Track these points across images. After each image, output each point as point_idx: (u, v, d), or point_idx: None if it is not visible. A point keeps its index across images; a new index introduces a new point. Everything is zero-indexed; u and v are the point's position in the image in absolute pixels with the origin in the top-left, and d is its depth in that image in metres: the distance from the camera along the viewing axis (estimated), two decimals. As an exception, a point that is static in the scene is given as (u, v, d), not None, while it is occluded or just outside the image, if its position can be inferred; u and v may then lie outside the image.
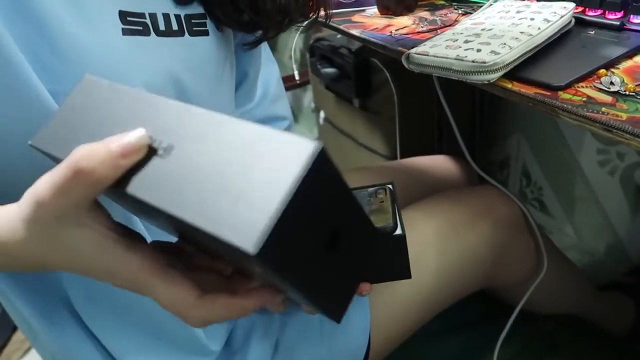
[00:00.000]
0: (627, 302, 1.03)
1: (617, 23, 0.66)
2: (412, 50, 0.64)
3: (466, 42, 0.62)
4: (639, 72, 0.56)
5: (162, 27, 0.47)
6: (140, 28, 0.45)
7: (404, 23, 0.82)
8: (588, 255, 1.24)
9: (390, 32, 0.78)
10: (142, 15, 0.45)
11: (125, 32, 0.44)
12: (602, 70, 0.56)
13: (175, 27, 0.48)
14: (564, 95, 0.53)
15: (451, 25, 0.77)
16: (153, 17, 0.46)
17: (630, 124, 0.46)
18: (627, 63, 0.58)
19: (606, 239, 1.21)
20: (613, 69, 0.57)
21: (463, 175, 0.99)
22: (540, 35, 0.61)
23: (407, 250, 0.52)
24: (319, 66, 1.28)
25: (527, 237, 0.80)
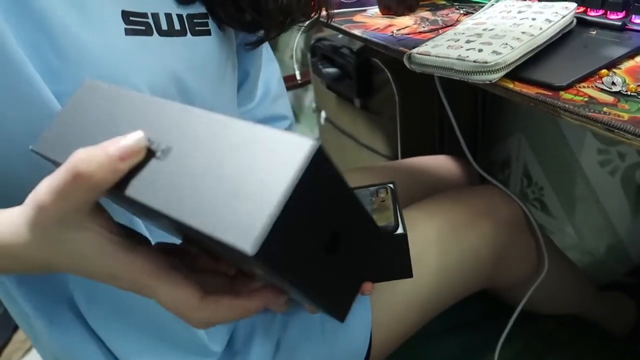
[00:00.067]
0: (628, 302, 1.03)
1: (619, 23, 0.66)
2: (414, 50, 0.64)
3: (468, 42, 0.62)
4: (640, 72, 0.56)
5: (165, 27, 0.47)
6: (143, 28, 0.45)
7: (405, 23, 0.82)
8: (589, 255, 1.24)
9: (392, 32, 0.78)
10: (145, 15, 0.45)
11: (128, 32, 0.44)
12: (603, 71, 0.56)
13: (177, 27, 0.48)
14: (566, 95, 0.53)
15: (453, 25, 0.77)
16: (155, 17, 0.46)
17: (631, 124, 0.46)
18: (629, 63, 0.58)
19: (607, 239, 1.21)
20: (615, 69, 0.57)
21: (464, 175, 0.99)
22: (542, 35, 0.61)
23: (408, 249, 0.52)
24: (320, 66, 1.28)
25: (528, 237, 0.80)
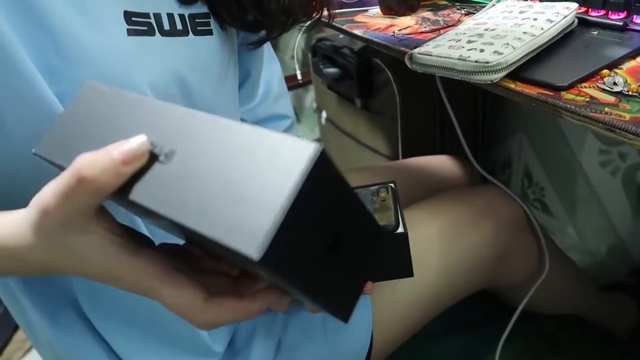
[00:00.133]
0: (629, 302, 1.02)
1: (620, 23, 0.66)
2: (415, 50, 0.64)
3: (469, 42, 0.62)
4: (642, 72, 0.56)
5: (167, 27, 0.47)
6: (145, 28, 0.45)
7: (406, 23, 0.82)
8: (590, 255, 1.24)
9: (393, 32, 0.78)
10: (147, 16, 0.45)
11: (130, 32, 0.44)
12: (605, 71, 0.56)
13: (179, 26, 0.48)
14: (567, 95, 0.53)
15: (454, 25, 0.78)
16: (157, 17, 0.46)
17: (633, 124, 0.46)
18: (630, 63, 0.58)
19: (608, 239, 1.21)
20: (616, 70, 0.57)
21: (465, 175, 0.99)
22: (544, 35, 0.61)
23: (409, 248, 0.52)
24: (321, 66, 1.28)
25: (530, 237, 0.80)
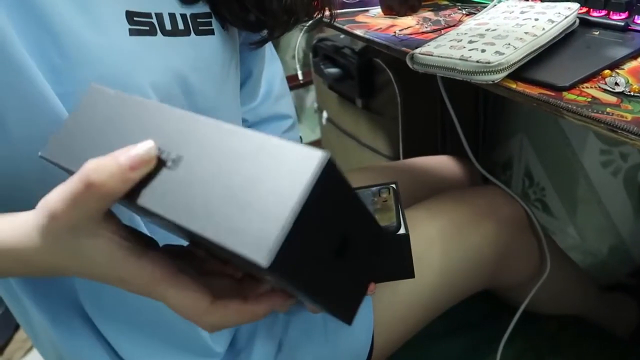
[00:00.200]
0: (631, 303, 1.02)
1: (622, 24, 0.66)
2: (417, 51, 0.64)
3: (470, 42, 0.62)
4: (643, 72, 0.56)
5: (169, 26, 0.47)
6: (147, 28, 0.45)
7: (407, 23, 0.82)
8: (591, 256, 1.24)
9: (394, 32, 0.78)
10: (149, 15, 0.45)
11: (132, 32, 0.44)
12: (606, 71, 0.56)
13: (181, 26, 0.48)
14: (569, 95, 0.53)
15: (455, 25, 0.77)
16: (159, 17, 0.46)
17: (635, 124, 0.46)
18: (632, 64, 0.58)
19: (609, 239, 1.21)
20: (618, 70, 0.57)
21: (466, 176, 0.99)
22: (545, 35, 0.61)
23: (410, 249, 0.52)
24: (322, 66, 1.28)
25: (531, 237, 0.80)
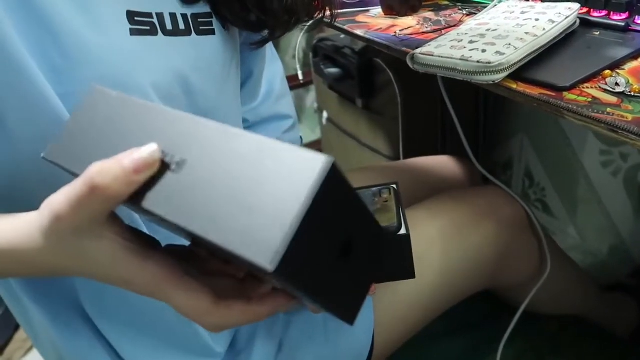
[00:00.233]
0: (630, 303, 1.02)
1: (622, 24, 0.66)
2: (417, 51, 0.64)
3: (471, 42, 0.62)
4: (644, 73, 0.56)
5: (169, 26, 0.47)
6: (148, 28, 0.45)
7: (408, 23, 0.82)
8: (591, 256, 1.24)
9: (395, 33, 0.78)
10: (150, 15, 0.45)
11: (133, 32, 0.44)
12: (607, 71, 0.56)
13: (182, 26, 0.48)
14: (569, 95, 0.53)
15: (456, 25, 0.77)
16: (160, 16, 0.46)
17: (635, 124, 0.46)
18: (633, 64, 0.58)
19: (609, 240, 1.21)
20: (618, 70, 0.57)
21: (466, 176, 0.99)
22: (545, 36, 0.61)
23: (411, 250, 0.52)
24: (322, 66, 1.28)
25: (531, 238, 0.80)
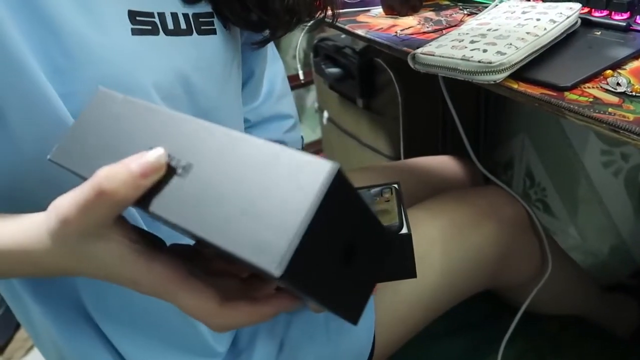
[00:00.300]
0: (631, 303, 1.02)
1: (624, 24, 0.66)
2: (418, 50, 0.64)
3: (472, 42, 0.62)
4: (645, 73, 0.56)
5: (171, 26, 0.47)
6: (150, 28, 0.45)
7: (409, 23, 0.82)
8: (592, 256, 1.24)
9: (395, 32, 0.78)
10: (151, 15, 0.45)
11: (135, 32, 0.44)
12: (608, 71, 0.56)
13: (183, 26, 0.48)
14: (570, 95, 0.53)
15: (456, 25, 0.77)
16: (162, 16, 0.46)
17: (637, 124, 0.46)
18: (634, 64, 0.58)
19: (610, 240, 1.21)
20: (619, 70, 0.57)
21: (467, 176, 0.99)
22: (547, 35, 0.61)
23: (412, 249, 0.52)
24: (323, 66, 1.28)
25: (532, 238, 0.80)
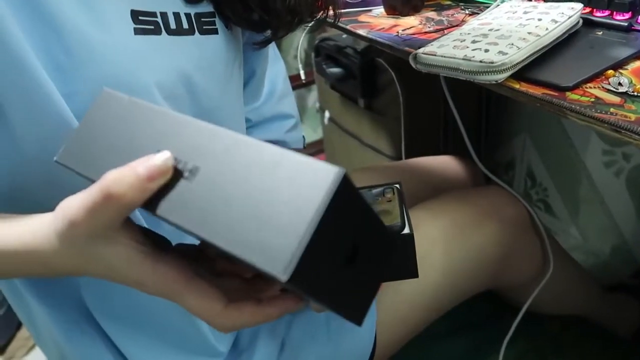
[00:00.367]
0: (633, 303, 1.02)
1: (625, 24, 0.65)
2: (420, 50, 0.64)
3: (474, 42, 0.62)
4: (647, 73, 0.56)
5: (173, 25, 0.47)
6: (152, 27, 0.45)
7: (410, 23, 0.82)
8: (593, 256, 1.24)
9: (397, 32, 0.78)
10: (154, 15, 0.46)
11: (137, 31, 0.44)
12: (610, 71, 0.56)
13: (185, 25, 0.48)
14: (572, 95, 0.53)
15: (458, 25, 0.77)
16: (164, 16, 0.46)
17: (638, 124, 0.46)
18: (636, 64, 0.58)
19: (611, 240, 1.21)
20: (621, 70, 0.57)
21: (469, 176, 0.99)
22: (548, 35, 0.61)
23: (414, 249, 0.52)
24: (324, 66, 1.28)
25: (534, 238, 0.80)
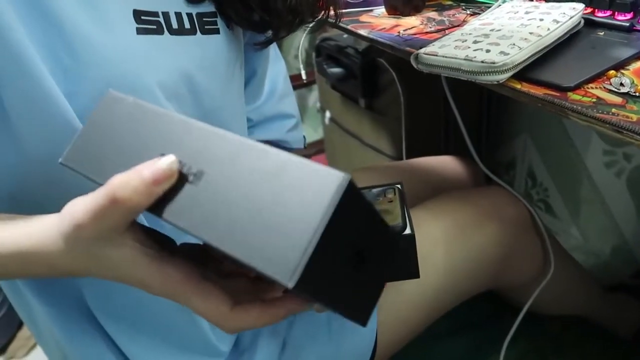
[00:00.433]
0: (633, 303, 1.02)
1: (627, 24, 0.65)
2: (421, 51, 0.64)
3: (475, 42, 0.62)
4: (648, 73, 0.56)
5: (175, 25, 0.47)
6: (154, 27, 0.45)
7: (411, 23, 0.82)
8: (594, 256, 1.24)
9: (398, 32, 0.78)
10: (156, 14, 0.46)
11: (140, 31, 0.44)
12: (611, 72, 0.56)
13: (187, 25, 0.48)
14: (574, 96, 0.53)
15: (459, 25, 0.77)
16: (166, 15, 0.47)
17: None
18: (637, 64, 0.58)
19: (612, 240, 1.21)
20: (623, 70, 0.57)
21: (469, 176, 0.99)
22: (550, 36, 0.61)
23: (416, 249, 0.52)
24: (325, 66, 1.28)
25: (534, 238, 0.80)
